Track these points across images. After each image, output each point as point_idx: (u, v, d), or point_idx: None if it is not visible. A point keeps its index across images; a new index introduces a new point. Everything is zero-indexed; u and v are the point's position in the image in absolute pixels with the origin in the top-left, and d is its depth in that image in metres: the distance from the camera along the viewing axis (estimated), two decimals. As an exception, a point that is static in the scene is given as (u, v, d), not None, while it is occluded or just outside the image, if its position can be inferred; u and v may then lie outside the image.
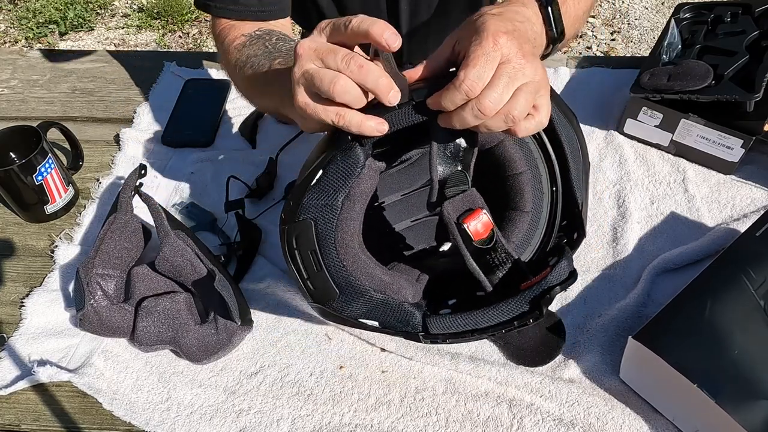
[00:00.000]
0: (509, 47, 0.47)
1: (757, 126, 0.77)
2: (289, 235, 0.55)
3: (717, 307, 0.59)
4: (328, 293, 0.55)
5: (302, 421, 0.63)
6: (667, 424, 0.60)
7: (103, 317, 0.67)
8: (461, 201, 0.54)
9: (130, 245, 0.72)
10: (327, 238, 0.54)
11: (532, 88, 0.48)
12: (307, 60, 0.49)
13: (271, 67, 0.66)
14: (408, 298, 0.56)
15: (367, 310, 0.55)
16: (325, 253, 0.54)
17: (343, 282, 0.54)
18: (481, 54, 0.46)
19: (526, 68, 0.47)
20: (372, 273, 0.55)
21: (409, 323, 0.54)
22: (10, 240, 0.82)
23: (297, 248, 0.55)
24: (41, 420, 0.65)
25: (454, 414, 0.63)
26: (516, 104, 0.47)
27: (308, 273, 0.55)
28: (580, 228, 0.58)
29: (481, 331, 0.53)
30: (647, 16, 2.46)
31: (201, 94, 0.99)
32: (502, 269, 0.54)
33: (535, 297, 0.52)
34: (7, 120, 0.99)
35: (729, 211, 0.78)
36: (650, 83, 0.81)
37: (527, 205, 0.59)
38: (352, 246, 0.55)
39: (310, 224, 0.54)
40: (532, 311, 0.52)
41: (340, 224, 0.54)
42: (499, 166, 0.61)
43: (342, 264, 0.54)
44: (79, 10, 2.60)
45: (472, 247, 0.53)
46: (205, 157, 0.90)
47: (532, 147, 0.61)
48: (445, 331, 0.53)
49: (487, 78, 0.47)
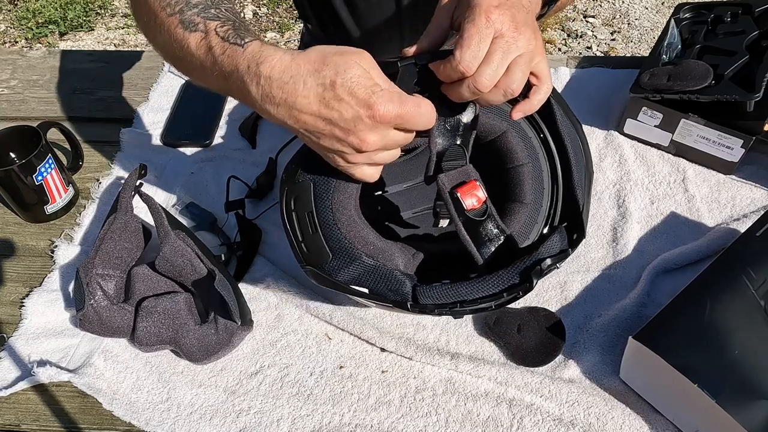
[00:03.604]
0: (501, 21, 0.48)
1: (757, 126, 0.77)
2: (288, 196, 0.56)
3: (717, 307, 0.59)
4: (320, 255, 0.55)
5: (302, 421, 0.63)
6: (667, 424, 0.60)
7: (103, 317, 0.67)
8: (457, 174, 0.55)
9: (130, 245, 0.72)
10: (324, 199, 0.55)
11: (527, 59, 0.50)
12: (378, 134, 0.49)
13: (206, 31, 0.53)
14: (399, 266, 0.56)
15: (359, 275, 0.55)
16: (321, 214, 0.55)
17: (337, 245, 0.55)
18: (475, 33, 0.48)
19: (520, 40, 0.49)
20: (366, 237, 0.56)
21: (398, 292, 0.54)
22: (10, 240, 0.82)
23: (294, 209, 0.56)
24: (41, 420, 0.65)
25: (454, 414, 0.63)
26: (512, 78, 0.49)
27: (303, 235, 0.56)
28: (579, 229, 0.58)
29: (470, 303, 0.53)
30: (647, 16, 2.46)
31: (201, 94, 0.99)
32: (494, 243, 0.55)
33: (525, 268, 0.52)
34: (7, 120, 0.99)
35: (729, 211, 0.78)
36: (650, 83, 0.81)
37: (526, 196, 0.60)
38: (348, 209, 0.56)
39: (309, 185, 0.56)
40: (522, 283, 0.52)
41: (338, 186, 0.55)
42: (501, 158, 0.61)
43: (337, 226, 0.55)
44: (79, 11, 2.60)
45: (464, 217, 0.54)
46: (205, 157, 0.90)
47: (535, 142, 0.61)
48: (434, 301, 0.53)
49: (481, 56, 0.48)
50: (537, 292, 0.72)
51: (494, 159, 0.62)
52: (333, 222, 0.55)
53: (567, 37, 2.40)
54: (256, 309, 0.72)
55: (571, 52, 2.32)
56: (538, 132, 0.61)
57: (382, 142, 0.49)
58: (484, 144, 0.63)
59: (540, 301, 0.71)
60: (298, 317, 0.71)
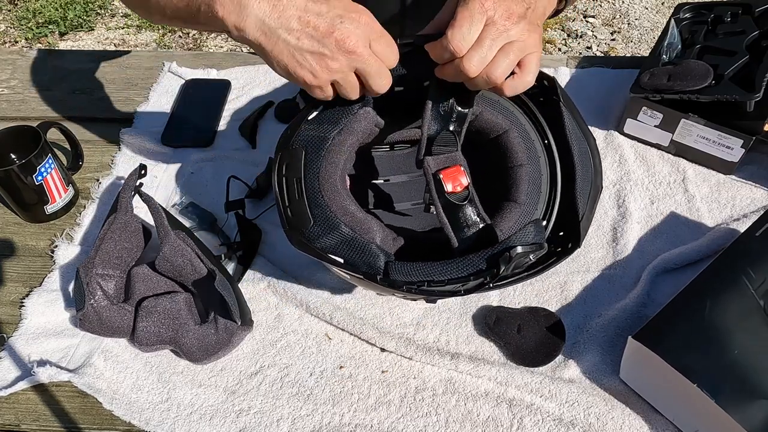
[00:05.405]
0: (495, 9, 0.50)
1: (757, 126, 0.77)
2: (281, 161, 0.59)
3: (717, 307, 0.59)
4: (302, 220, 0.57)
5: (302, 421, 0.63)
6: (667, 424, 0.60)
7: (103, 317, 0.67)
8: (444, 159, 0.57)
9: (130, 245, 0.72)
10: (312, 167, 0.57)
11: (515, 48, 0.51)
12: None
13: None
14: (376, 239, 0.57)
15: (336, 244, 0.56)
16: (308, 181, 0.57)
17: (319, 212, 0.56)
18: (467, 15, 0.49)
19: (511, 29, 0.50)
20: (346, 207, 0.57)
21: (371, 264, 0.55)
22: (10, 240, 0.82)
23: (285, 175, 0.58)
24: (41, 420, 0.65)
25: (454, 414, 0.63)
26: (496, 65, 0.51)
27: (290, 200, 0.57)
28: (575, 239, 0.58)
29: (437, 284, 0.54)
30: (647, 16, 2.46)
31: (201, 94, 0.99)
32: (472, 229, 0.56)
33: (493, 254, 0.53)
34: (7, 120, 0.99)
35: (729, 211, 0.78)
36: (650, 83, 0.81)
37: (521, 197, 0.60)
38: (333, 178, 0.57)
39: (301, 153, 0.58)
40: (489, 269, 0.53)
41: (326, 155, 0.58)
42: (502, 156, 0.62)
43: (321, 194, 0.57)
44: (79, 10, 2.60)
45: (444, 200, 0.56)
46: (205, 157, 0.90)
47: (537, 145, 0.62)
48: (403, 278, 0.54)
49: (471, 39, 0.50)
50: (537, 292, 0.72)
51: (496, 157, 0.63)
52: (318, 190, 0.57)
53: (567, 37, 2.40)
54: (256, 309, 0.72)
55: (571, 52, 2.32)
56: (543, 137, 0.62)
57: (364, 46, 0.51)
58: (488, 142, 0.63)
59: (540, 301, 0.71)
60: (298, 317, 0.71)
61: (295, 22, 0.50)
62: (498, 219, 0.59)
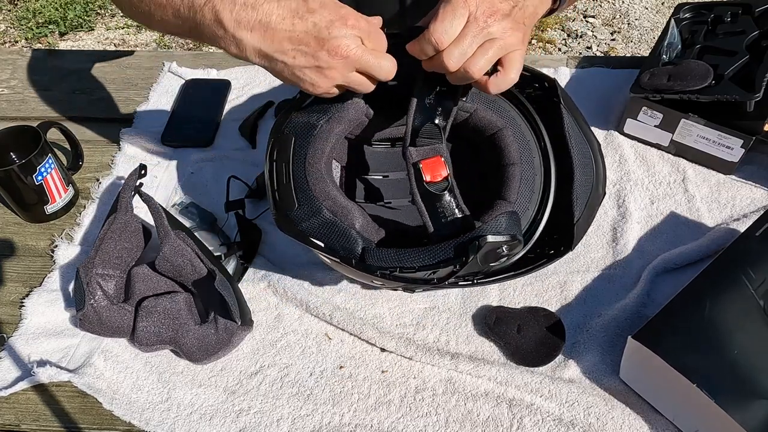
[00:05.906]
0: (477, 5, 0.51)
1: (757, 126, 0.77)
2: (273, 146, 0.61)
3: (717, 307, 0.59)
4: (287, 203, 0.58)
5: (302, 421, 0.63)
6: (667, 424, 0.60)
7: (103, 317, 0.67)
8: (427, 150, 0.58)
9: (130, 245, 0.72)
10: (300, 152, 0.59)
11: (496, 46, 0.52)
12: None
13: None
14: (356, 225, 0.58)
15: (317, 227, 0.57)
16: (296, 166, 0.59)
17: (303, 196, 0.58)
18: (449, 11, 0.50)
19: (493, 26, 0.51)
20: (329, 192, 0.58)
21: (349, 249, 0.56)
22: (10, 240, 0.82)
23: (276, 159, 0.60)
24: (41, 420, 0.65)
25: (454, 414, 0.63)
26: (473, 61, 0.52)
27: (278, 183, 0.59)
28: (568, 242, 0.58)
29: (408, 270, 0.55)
30: (647, 16, 2.46)
31: (201, 94, 0.99)
32: (449, 218, 0.56)
33: (461, 243, 0.53)
34: (7, 120, 0.99)
35: (729, 211, 0.78)
36: (650, 83, 0.81)
37: (511, 195, 0.60)
38: (319, 164, 0.59)
39: (291, 138, 0.60)
40: (458, 257, 0.53)
41: (314, 141, 0.59)
42: (496, 155, 0.63)
43: (306, 179, 0.58)
44: (79, 10, 2.60)
45: (422, 189, 0.57)
46: (205, 157, 0.90)
47: (532, 146, 0.62)
48: (377, 263, 0.55)
49: (453, 33, 0.51)
50: (537, 292, 0.72)
51: (491, 155, 0.63)
52: (303, 174, 0.59)
53: (567, 37, 2.40)
54: (256, 309, 0.72)
55: (571, 52, 2.32)
56: (539, 138, 0.62)
57: (356, 47, 0.52)
58: (484, 139, 0.63)
59: (540, 301, 0.71)
60: (298, 317, 0.71)
61: (287, 44, 0.52)
62: (487, 215, 0.59)
